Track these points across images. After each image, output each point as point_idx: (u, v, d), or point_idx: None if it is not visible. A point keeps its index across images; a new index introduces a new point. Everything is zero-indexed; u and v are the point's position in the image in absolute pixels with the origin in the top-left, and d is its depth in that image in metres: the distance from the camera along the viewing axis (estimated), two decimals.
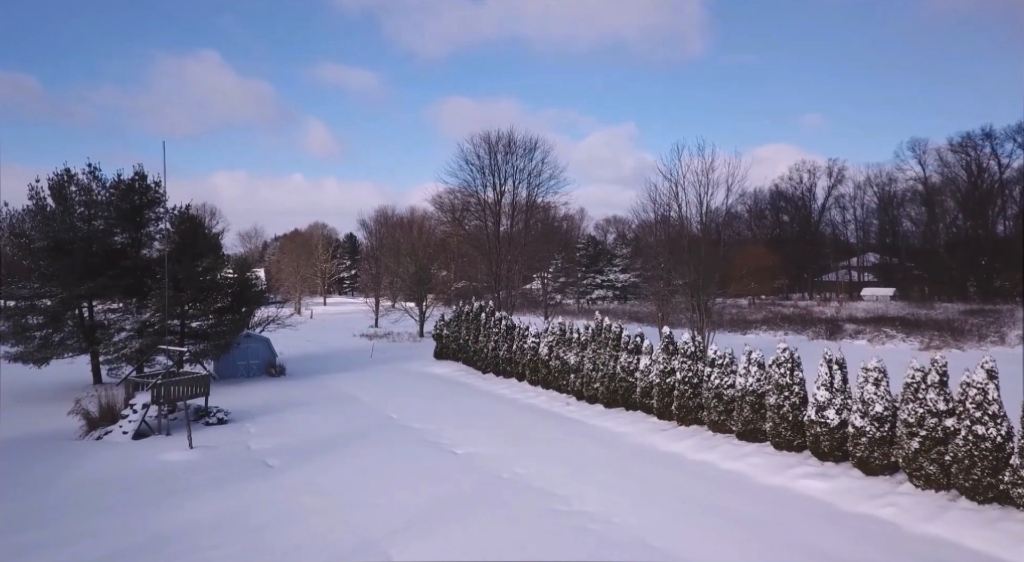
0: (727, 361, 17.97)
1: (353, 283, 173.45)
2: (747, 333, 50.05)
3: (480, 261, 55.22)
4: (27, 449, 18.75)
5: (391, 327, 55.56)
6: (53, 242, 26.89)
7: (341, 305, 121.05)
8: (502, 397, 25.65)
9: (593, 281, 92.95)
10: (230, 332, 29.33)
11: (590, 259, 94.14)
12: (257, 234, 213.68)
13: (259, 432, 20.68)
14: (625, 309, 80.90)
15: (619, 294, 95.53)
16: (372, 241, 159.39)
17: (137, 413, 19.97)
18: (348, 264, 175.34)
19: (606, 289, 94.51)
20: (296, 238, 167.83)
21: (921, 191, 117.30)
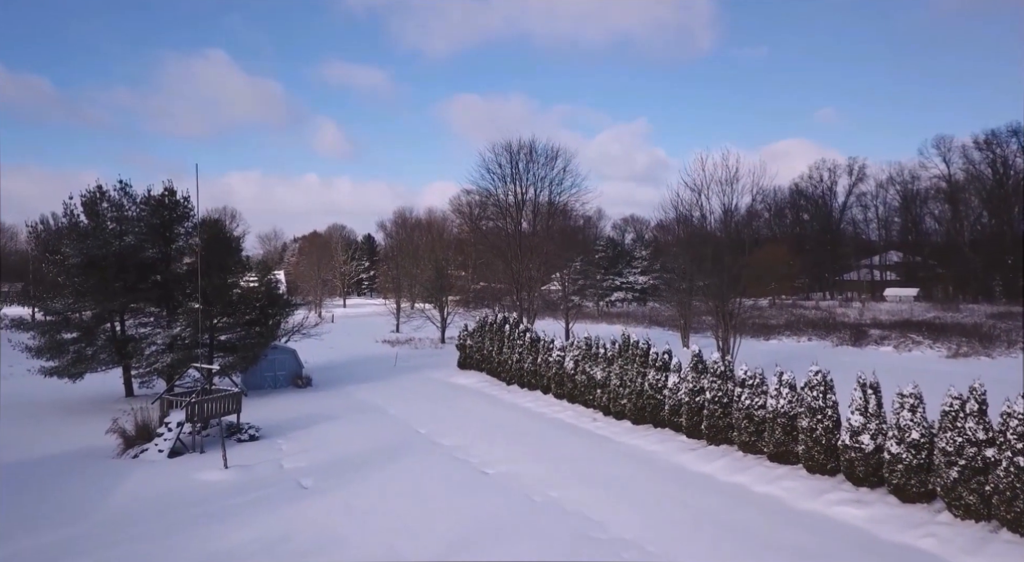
0: (757, 381, 17.93)
1: (372, 284, 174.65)
2: (770, 338, 49.75)
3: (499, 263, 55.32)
4: (68, 467, 19.09)
5: (413, 333, 55.79)
6: (87, 259, 27.30)
7: (361, 307, 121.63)
8: (528, 411, 25.74)
9: (612, 283, 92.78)
10: (258, 345, 29.63)
11: (609, 261, 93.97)
12: (276, 236, 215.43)
13: (290, 449, 20.91)
14: (645, 312, 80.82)
15: (638, 296, 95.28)
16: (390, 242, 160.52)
17: (172, 431, 20.27)
18: (367, 265, 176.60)
19: (625, 291, 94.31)
20: (315, 240, 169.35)
21: (945, 188, 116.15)
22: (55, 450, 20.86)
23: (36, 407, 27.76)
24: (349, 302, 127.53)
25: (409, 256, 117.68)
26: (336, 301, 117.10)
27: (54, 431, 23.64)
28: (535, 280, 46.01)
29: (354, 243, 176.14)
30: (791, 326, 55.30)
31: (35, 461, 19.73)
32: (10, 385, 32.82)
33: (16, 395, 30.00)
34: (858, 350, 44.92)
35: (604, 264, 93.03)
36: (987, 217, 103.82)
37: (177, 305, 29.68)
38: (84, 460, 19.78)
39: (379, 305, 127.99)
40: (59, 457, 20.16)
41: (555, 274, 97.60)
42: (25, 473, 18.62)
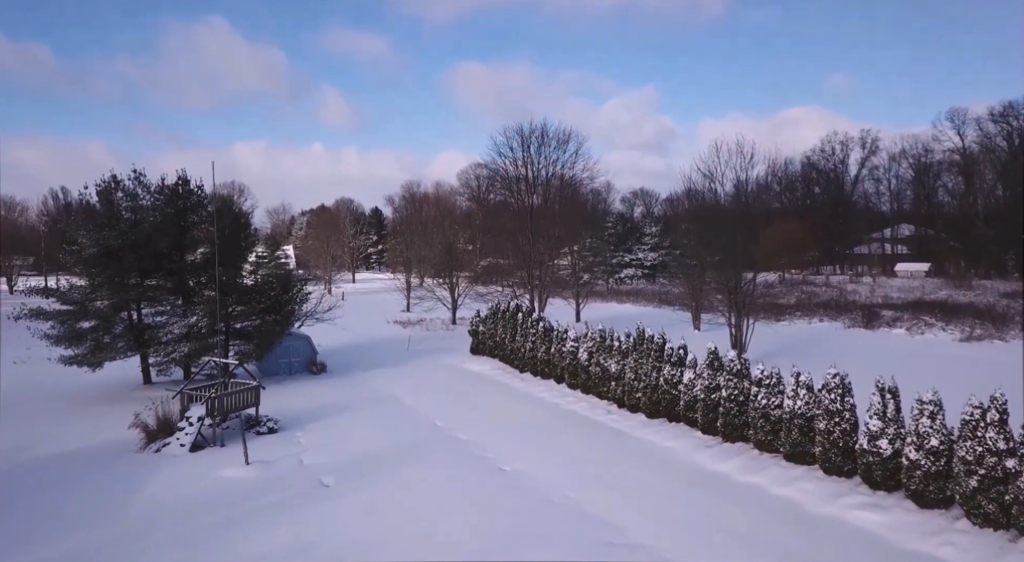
0: (774, 381, 17.98)
1: (380, 258, 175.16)
2: (780, 319, 49.65)
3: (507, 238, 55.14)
4: (93, 463, 19.41)
5: (424, 314, 55.88)
6: (103, 249, 27.44)
7: (370, 282, 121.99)
8: (542, 401, 25.91)
9: (622, 260, 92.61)
10: (273, 333, 29.82)
11: (619, 238, 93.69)
12: (284, 210, 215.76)
13: (309, 443, 21.17)
14: (655, 290, 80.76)
15: (648, 273, 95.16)
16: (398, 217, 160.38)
17: (193, 426, 20.54)
18: (375, 239, 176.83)
19: (635, 268, 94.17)
20: (323, 216, 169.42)
21: (959, 161, 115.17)
22: (80, 444, 21.17)
23: (58, 395, 28.15)
24: (358, 277, 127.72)
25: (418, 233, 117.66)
26: (345, 276, 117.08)
27: (77, 422, 24.01)
28: (544, 255, 45.86)
29: (362, 217, 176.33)
30: (801, 306, 55.18)
31: (61, 456, 20.07)
32: (28, 372, 33.21)
33: (36, 382, 30.38)
34: (870, 333, 44.84)
35: (613, 241, 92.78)
36: (1002, 190, 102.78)
37: (192, 294, 29.86)
38: (108, 455, 20.08)
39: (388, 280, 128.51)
40: (84, 452, 20.47)
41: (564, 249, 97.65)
42: (52, 470, 18.95)
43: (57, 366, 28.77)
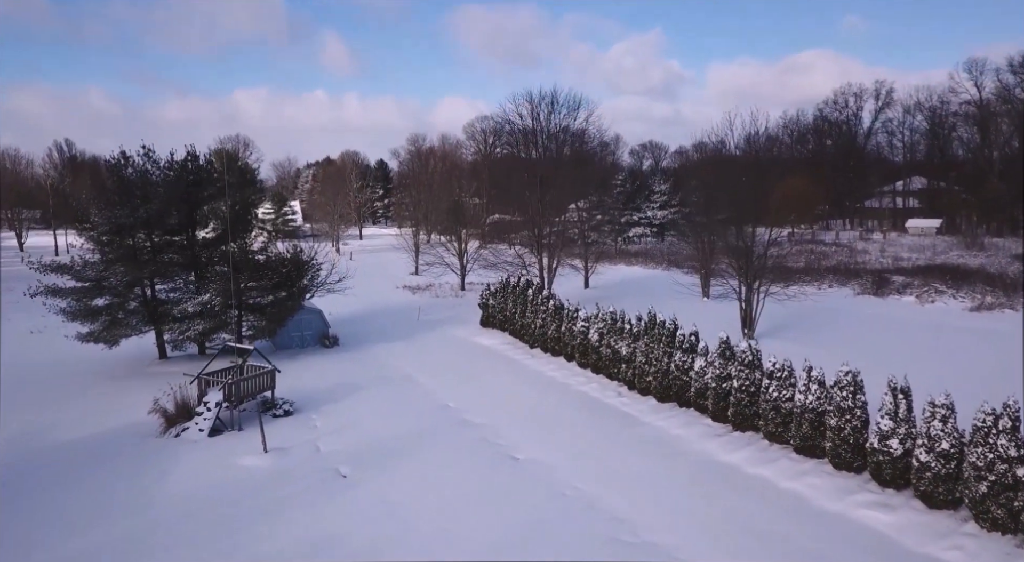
0: (785, 374, 18.11)
1: (387, 212, 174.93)
2: (789, 285, 49.38)
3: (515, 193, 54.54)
4: (114, 450, 19.87)
5: (433, 279, 55.81)
6: (115, 227, 27.49)
7: (377, 238, 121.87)
8: (552, 381, 26.14)
9: (631, 219, 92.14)
10: (286, 309, 29.99)
11: (627, 197, 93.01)
12: (290, 163, 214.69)
13: (325, 426, 21.55)
14: (663, 250, 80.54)
15: (657, 231, 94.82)
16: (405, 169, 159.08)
17: (211, 411, 20.92)
18: (381, 194, 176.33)
19: (644, 226, 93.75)
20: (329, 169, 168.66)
21: (975, 114, 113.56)
22: (100, 427, 21.65)
23: (75, 370, 28.60)
24: (365, 233, 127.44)
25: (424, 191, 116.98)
26: (352, 231, 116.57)
27: (96, 400, 24.53)
28: (552, 211, 45.33)
29: (368, 170, 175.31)
30: (811, 271, 54.90)
31: (82, 442, 20.54)
32: (45, 342, 33.57)
33: (53, 354, 30.68)
34: (880, 301, 44.82)
35: (622, 200, 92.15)
36: (1018, 143, 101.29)
37: (205, 269, 29.98)
38: (129, 440, 20.51)
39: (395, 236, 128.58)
40: (105, 436, 20.94)
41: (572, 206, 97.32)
42: (74, 457, 19.43)
43: (74, 336, 29.06)
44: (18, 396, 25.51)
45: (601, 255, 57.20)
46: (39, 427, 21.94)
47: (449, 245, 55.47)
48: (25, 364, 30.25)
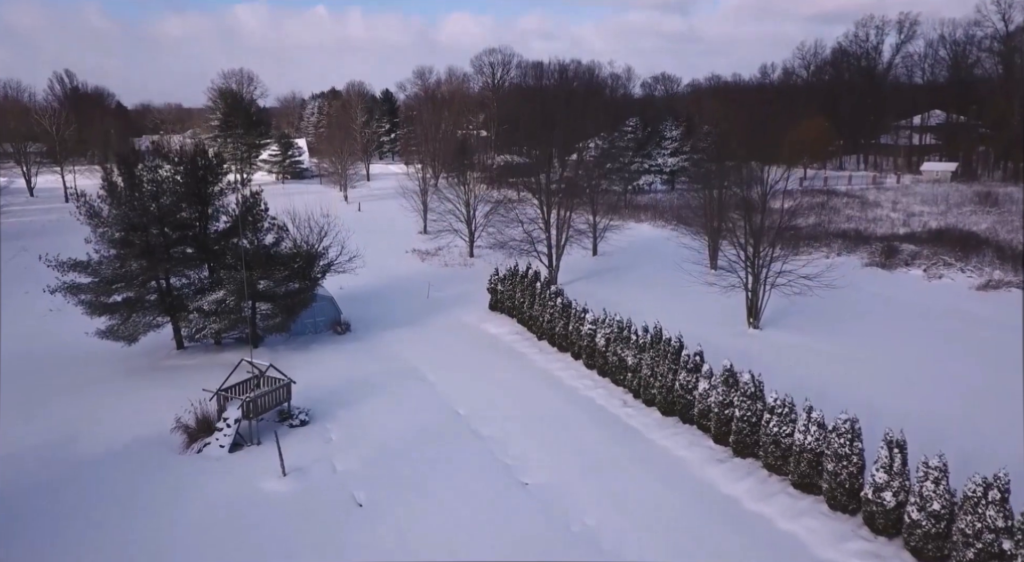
0: (786, 410, 18.62)
1: (393, 147, 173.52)
2: (797, 255, 49.19)
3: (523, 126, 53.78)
4: (136, 467, 20.79)
5: (441, 241, 55.59)
6: (129, 226, 27.77)
7: (384, 178, 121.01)
8: (559, 383, 26.75)
9: (641, 166, 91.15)
10: (298, 303, 30.43)
11: (638, 143, 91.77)
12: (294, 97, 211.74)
13: (340, 438, 22.44)
14: (672, 203, 79.91)
15: (667, 179, 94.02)
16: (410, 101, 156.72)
17: (231, 427, 21.72)
18: (387, 127, 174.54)
19: (654, 174, 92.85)
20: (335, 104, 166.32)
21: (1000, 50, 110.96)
22: (122, 437, 22.51)
23: (93, 358, 29.36)
24: (372, 170, 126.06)
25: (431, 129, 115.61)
26: (359, 171, 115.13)
27: (116, 400, 25.48)
28: (562, 148, 44.56)
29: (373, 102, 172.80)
30: (819, 237, 54.71)
31: (105, 457, 21.41)
32: (63, 323, 33.89)
33: (71, 338, 31.03)
34: (887, 274, 44.97)
35: (633, 146, 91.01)
36: None
37: (218, 262, 30.30)
38: (153, 456, 21.40)
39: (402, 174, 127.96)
40: (127, 450, 21.81)
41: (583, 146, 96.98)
42: (100, 474, 20.38)
43: (94, 332, 29.66)
44: (38, 391, 26.54)
45: (610, 208, 56.70)
46: (63, 436, 22.84)
47: (457, 190, 54.94)
48: (43, 351, 31.10)
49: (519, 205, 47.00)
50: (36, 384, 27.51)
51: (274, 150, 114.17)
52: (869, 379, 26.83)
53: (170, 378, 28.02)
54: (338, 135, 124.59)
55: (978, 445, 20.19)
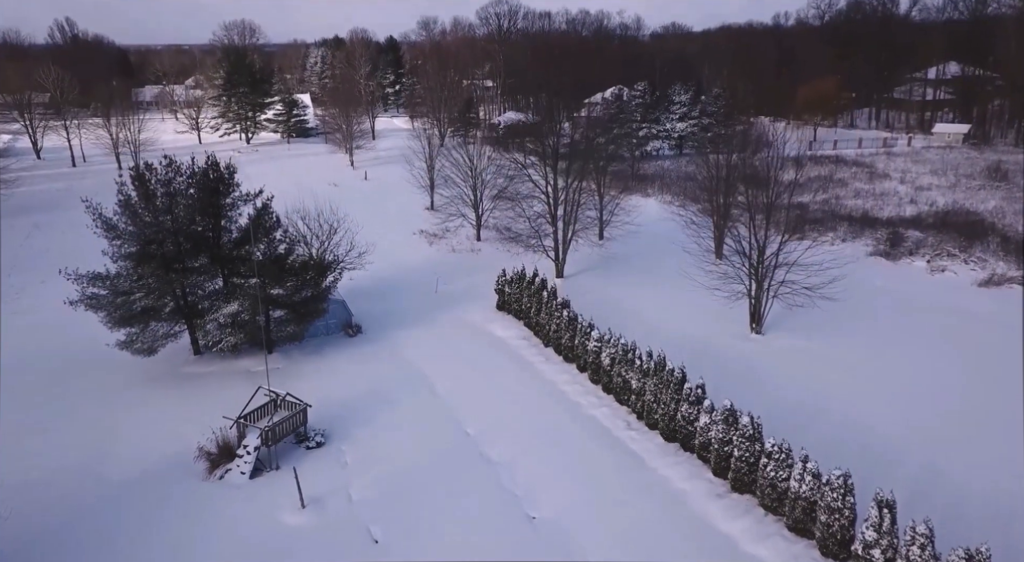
0: (783, 456, 19.45)
1: (398, 99, 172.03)
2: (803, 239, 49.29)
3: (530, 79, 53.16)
4: (163, 493, 21.93)
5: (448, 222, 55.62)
6: (144, 240, 28.33)
7: (390, 136, 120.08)
8: (565, 398, 27.60)
9: (649, 132, 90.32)
10: (311, 313, 31.13)
11: (646, 108, 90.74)
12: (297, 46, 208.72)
13: (354, 462, 23.52)
14: (679, 172, 79.60)
15: (675, 144, 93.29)
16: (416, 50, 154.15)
17: (251, 454, 22.75)
18: (391, 78, 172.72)
19: (662, 140, 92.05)
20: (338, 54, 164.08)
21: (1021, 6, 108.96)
22: (144, 461, 23.64)
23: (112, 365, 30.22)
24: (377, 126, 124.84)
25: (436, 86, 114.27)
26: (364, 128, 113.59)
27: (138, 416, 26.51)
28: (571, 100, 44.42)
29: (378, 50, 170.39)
30: (824, 221, 54.86)
31: (133, 482, 22.55)
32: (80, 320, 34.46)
33: (90, 344, 31.56)
34: (891, 265, 45.35)
35: (640, 111, 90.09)
36: None
37: (232, 272, 30.90)
38: (177, 481, 22.50)
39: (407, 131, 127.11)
40: (154, 474, 22.94)
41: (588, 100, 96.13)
42: (124, 501, 21.56)
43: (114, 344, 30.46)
44: (62, 402, 27.67)
45: (616, 179, 56.36)
46: (89, 458, 23.97)
47: (462, 151, 54.73)
48: (63, 351, 32.01)
49: (527, 171, 45.95)
50: (60, 393, 28.59)
51: (279, 109, 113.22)
52: (867, 390, 27.81)
53: (190, 389, 29.03)
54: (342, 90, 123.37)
55: (969, 475, 21.43)
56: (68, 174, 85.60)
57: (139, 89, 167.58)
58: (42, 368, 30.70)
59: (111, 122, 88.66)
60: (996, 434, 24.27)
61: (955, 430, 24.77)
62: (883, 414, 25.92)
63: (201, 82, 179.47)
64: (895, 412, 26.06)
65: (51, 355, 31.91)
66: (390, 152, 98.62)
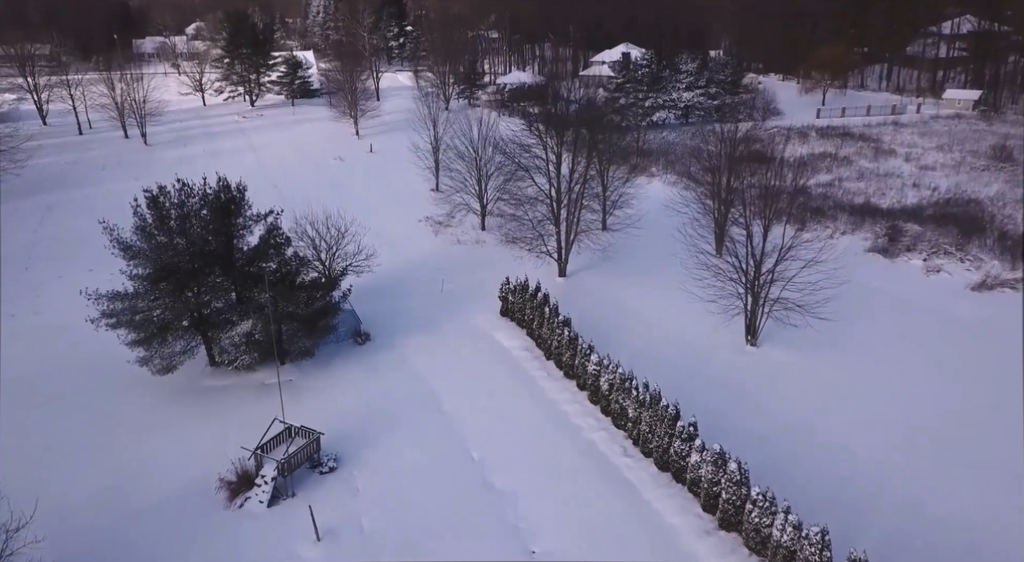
0: (767, 504, 20.83)
1: (402, 51, 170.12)
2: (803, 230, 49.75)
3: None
4: (185, 524, 23.54)
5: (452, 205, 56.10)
6: (160, 263, 29.37)
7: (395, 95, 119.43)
8: (565, 420, 28.88)
9: (655, 102, 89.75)
10: (320, 330, 32.30)
11: (652, 79, 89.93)
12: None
13: (365, 489, 25.09)
14: (684, 147, 79.58)
15: (681, 114, 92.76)
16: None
17: (268, 484, 24.30)
18: (395, 31, 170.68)
19: (668, 110, 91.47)
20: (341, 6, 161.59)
21: None
22: (172, 485, 25.22)
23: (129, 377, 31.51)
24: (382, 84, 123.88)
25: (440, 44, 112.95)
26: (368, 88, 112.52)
27: (162, 438, 28.01)
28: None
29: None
30: (825, 210, 55.27)
31: (155, 510, 24.16)
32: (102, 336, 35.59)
33: (104, 352, 32.43)
34: (888, 263, 46.09)
35: (647, 81, 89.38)
36: None
37: (246, 289, 31.95)
38: (200, 513, 24.09)
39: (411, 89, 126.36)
40: (176, 502, 24.54)
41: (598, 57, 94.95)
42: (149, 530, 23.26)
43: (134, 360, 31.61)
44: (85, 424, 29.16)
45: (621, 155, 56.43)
46: (112, 486, 25.54)
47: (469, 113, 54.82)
48: (83, 362, 33.35)
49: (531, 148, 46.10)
50: (85, 410, 30.11)
51: (282, 70, 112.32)
52: (854, 411, 29.21)
53: (208, 405, 30.54)
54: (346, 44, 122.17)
55: (946, 508, 23.35)
56: (75, 144, 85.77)
57: (140, 40, 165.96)
58: (64, 381, 32.20)
59: (113, 78, 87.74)
60: (977, 460, 25.75)
61: (937, 455, 26.20)
62: (867, 439, 27.27)
63: (201, 31, 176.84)
64: (879, 436, 27.43)
65: (72, 365, 33.34)
66: (394, 116, 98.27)
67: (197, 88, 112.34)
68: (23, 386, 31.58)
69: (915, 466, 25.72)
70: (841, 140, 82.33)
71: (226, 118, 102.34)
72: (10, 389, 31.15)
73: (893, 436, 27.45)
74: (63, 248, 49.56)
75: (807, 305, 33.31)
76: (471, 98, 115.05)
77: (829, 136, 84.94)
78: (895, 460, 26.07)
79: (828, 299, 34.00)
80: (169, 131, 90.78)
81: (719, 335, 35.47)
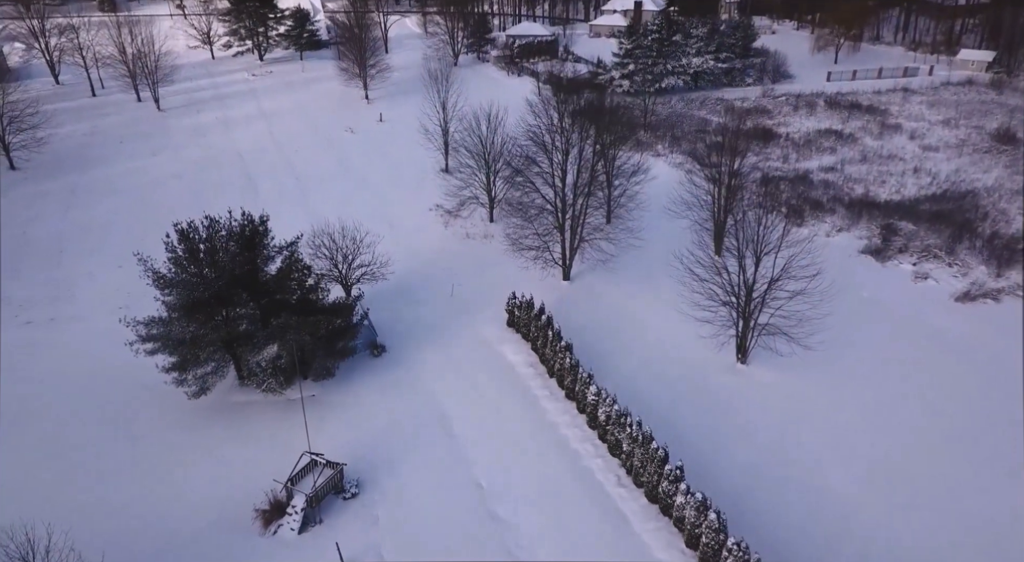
0: (741, 554, 23.66)
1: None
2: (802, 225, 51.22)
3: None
4: (225, 551, 26.60)
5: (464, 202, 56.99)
6: (191, 297, 31.70)
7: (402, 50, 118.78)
8: (565, 445, 31.64)
9: (664, 68, 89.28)
10: (339, 352, 34.81)
11: (661, 43, 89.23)
12: None
13: (385, 518, 28.06)
14: (692, 118, 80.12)
15: (690, 80, 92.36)
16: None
17: (299, 513, 27.31)
18: None
19: (677, 76, 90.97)
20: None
21: None
22: (209, 513, 28.24)
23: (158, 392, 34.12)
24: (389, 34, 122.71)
25: None
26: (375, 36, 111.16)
27: (197, 461, 30.92)
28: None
29: None
30: (821, 206, 56.39)
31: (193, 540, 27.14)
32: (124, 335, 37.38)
33: (130, 364, 34.21)
34: (879, 268, 47.85)
35: (656, 47, 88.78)
36: None
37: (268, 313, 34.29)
38: (236, 541, 27.11)
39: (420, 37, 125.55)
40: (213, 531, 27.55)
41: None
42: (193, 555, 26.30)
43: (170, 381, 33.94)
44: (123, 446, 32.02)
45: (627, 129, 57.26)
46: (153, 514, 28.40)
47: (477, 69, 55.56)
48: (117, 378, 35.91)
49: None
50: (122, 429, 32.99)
51: (290, 24, 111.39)
52: (833, 438, 32.06)
53: (240, 424, 33.28)
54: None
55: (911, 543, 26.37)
56: (90, 108, 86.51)
57: None
58: (102, 396, 35.04)
59: (120, 20, 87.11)
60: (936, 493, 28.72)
61: (908, 486, 29.19)
62: (841, 470, 30.10)
63: None
64: (853, 467, 30.24)
65: (109, 379, 36.00)
66: (404, 74, 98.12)
67: (205, 41, 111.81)
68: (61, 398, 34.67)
69: (883, 495, 28.63)
70: (848, 113, 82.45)
71: (236, 76, 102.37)
72: (53, 402, 34.19)
73: (859, 469, 30.18)
74: (91, 241, 51.53)
75: (794, 334, 35.54)
76: (480, 52, 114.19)
77: (837, 106, 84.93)
78: (866, 490, 28.97)
79: (813, 332, 36.13)
80: (181, 94, 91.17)
81: (714, 352, 37.67)
